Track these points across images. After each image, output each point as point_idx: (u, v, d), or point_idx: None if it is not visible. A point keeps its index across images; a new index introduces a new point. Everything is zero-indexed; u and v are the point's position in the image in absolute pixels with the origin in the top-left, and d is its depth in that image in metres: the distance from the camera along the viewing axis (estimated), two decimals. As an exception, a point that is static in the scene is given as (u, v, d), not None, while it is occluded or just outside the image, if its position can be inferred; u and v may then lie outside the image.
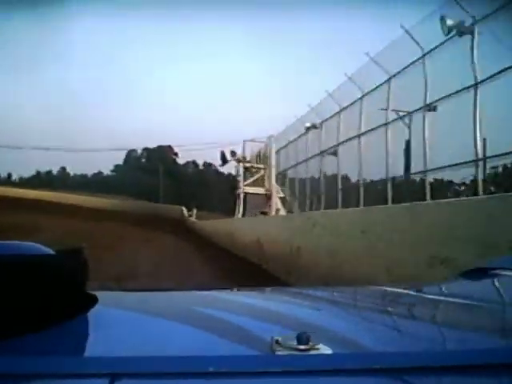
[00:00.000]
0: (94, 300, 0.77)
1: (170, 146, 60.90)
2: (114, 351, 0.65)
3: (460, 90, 8.13)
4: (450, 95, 8.47)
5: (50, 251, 0.78)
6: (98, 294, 0.79)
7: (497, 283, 1.16)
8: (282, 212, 17.74)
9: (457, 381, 0.59)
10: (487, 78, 7.51)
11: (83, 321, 0.75)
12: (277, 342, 0.64)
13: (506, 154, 7.45)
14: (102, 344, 0.70)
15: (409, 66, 9.78)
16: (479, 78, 7.66)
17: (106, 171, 66.47)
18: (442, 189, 10.76)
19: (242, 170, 21.20)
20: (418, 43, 9.19)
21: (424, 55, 9.21)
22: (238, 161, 21.27)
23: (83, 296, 0.76)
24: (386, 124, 10.67)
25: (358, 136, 11.86)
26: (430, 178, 9.28)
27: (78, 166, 70.22)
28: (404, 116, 10.16)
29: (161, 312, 0.94)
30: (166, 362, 0.60)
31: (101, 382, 0.55)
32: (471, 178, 8.38)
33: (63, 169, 66.47)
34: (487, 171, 8.17)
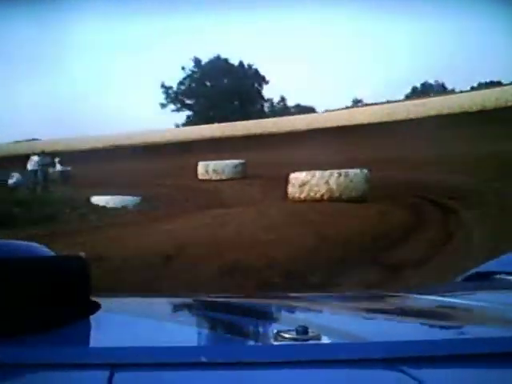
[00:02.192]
0: (96, 306, 0.78)
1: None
2: (115, 344, 0.66)
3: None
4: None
5: (51, 253, 0.79)
6: (100, 298, 0.80)
7: (497, 287, 1.17)
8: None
9: (454, 370, 0.60)
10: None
11: (85, 321, 0.76)
12: (276, 334, 0.65)
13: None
14: (103, 338, 0.72)
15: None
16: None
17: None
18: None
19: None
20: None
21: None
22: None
23: (86, 301, 0.76)
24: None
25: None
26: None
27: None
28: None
29: (162, 314, 0.95)
30: (165, 352, 0.61)
31: (101, 372, 0.56)
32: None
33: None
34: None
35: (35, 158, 17.38)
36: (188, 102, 49.68)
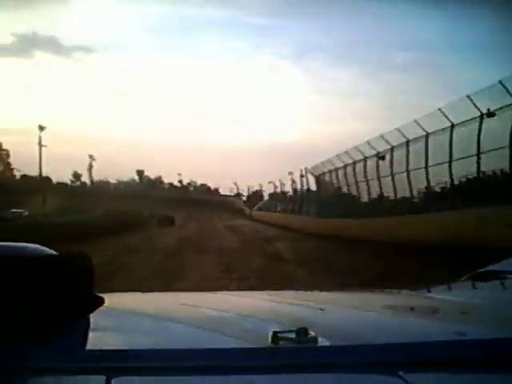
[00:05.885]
0: (100, 301, 0.78)
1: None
2: (114, 346, 0.66)
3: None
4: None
5: (54, 253, 0.79)
6: (104, 295, 0.80)
7: (501, 286, 1.17)
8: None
9: (452, 374, 0.59)
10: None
11: (87, 320, 0.75)
12: (276, 335, 0.64)
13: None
14: (102, 340, 0.71)
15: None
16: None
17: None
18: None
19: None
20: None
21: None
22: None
23: (90, 298, 0.76)
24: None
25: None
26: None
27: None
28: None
29: (161, 311, 0.95)
30: (161, 356, 0.60)
31: (98, 376, 0.56)
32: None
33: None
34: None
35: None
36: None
